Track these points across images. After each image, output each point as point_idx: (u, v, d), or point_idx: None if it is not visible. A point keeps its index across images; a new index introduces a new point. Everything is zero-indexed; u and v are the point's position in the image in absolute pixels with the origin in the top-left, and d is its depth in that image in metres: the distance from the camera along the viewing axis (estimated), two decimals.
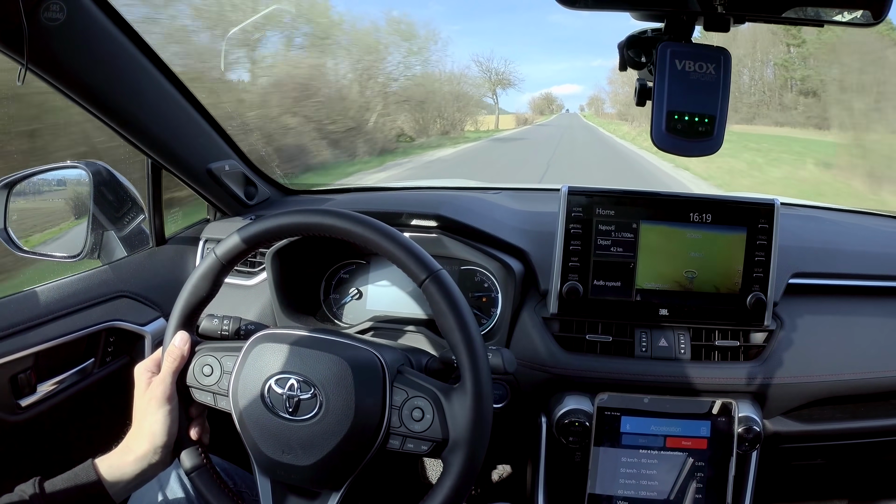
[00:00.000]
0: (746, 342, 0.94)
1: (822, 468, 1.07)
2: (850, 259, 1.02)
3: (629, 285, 0.93)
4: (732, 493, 0.90)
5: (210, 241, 1.16)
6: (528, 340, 0.95)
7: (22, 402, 0.86)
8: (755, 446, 0.89)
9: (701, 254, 0.92)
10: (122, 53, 0.87)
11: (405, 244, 0.64)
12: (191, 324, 0.70)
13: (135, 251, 1.11)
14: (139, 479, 0.65)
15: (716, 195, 0.94)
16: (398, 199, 1.26)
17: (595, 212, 0.92)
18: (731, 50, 0.59)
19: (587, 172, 11.38)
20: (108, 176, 1.08)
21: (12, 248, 1.04)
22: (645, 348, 0.94)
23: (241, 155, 1.19)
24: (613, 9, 0.61)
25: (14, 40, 0.72)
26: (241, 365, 0.66)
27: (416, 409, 0.63)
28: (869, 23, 0.57)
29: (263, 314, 1.05)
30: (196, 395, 0.68)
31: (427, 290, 0.63)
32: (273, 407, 0.64)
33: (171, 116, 0.99)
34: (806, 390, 0.94)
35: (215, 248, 0.69)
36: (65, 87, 0.83)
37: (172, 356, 0.67)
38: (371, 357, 0.65)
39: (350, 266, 1.09)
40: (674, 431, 0.90)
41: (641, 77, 0.65)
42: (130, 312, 1.03)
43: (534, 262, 0.98)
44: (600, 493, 0.91)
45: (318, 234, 0.67)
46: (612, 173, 11.10)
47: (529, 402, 0.96)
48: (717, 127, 0.58)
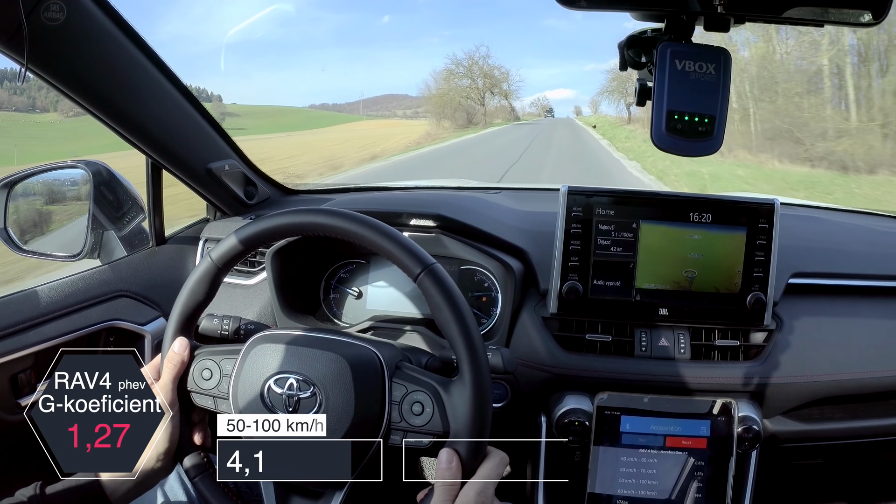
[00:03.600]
0: (746, 342, 0.94)
1: (822, 468, 1.07)
2: (849, 259, 1.02)
3: (629, 285, 0.93)
4: (732, 492, 0.90)
5: (210, 240, 1.16)
6: (528, 340, 0.95)
7: (22, 401, 0.86)
8: (755, 446, 0.89)
9: (701, 254, 0.92)
10: (121, 53, 0.87)
11: (398, 240, 0.64)
12: (189, 328, 0.70)
13: (135, 251, 1.11)
14: (140, 486, 0.65)
15: (716, 195, 0.94)
16: (398, 199, 1.26)
17: (595, 211, 0.92)
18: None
19: None
20: (107, 176, 1.08)
21: (12, 248, 1.04)
22: (645, 348, 0.94)
23: (240, 155, 1.19)
24: (614, 9, 0.61)
25: (14, 40, 0.72)
26: (239, 367, 0.66)
27: (415, 404, 0.63)
28: (869, 23, 0.58)
29: (263, 314, 1.05)
30: (196, 399, 0.68)
31: (422, 284, 0.63)
32: (273, 407, 0.64)
33: (170, 116, 0.99)
34: (805, 390, 0.94)
35: (211, 252, 0.69)
36: (64, 86, 0.83)
37: (172, 362, 0.67)
38: (369, 354, 0.65)
39: (350, 266, 1.09)
40: (673, 431, 0.90)
41: (641, 77, 0.65)
42: (130, 312, 1.03)
43: (533, 261, 0.98)
44: (600, 492, 0.91)
45: (314, 233, 0.67)
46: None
47: (529, 402, 0.96)
48: (717, 127, 0.59)
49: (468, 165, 13.46)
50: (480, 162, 14.36)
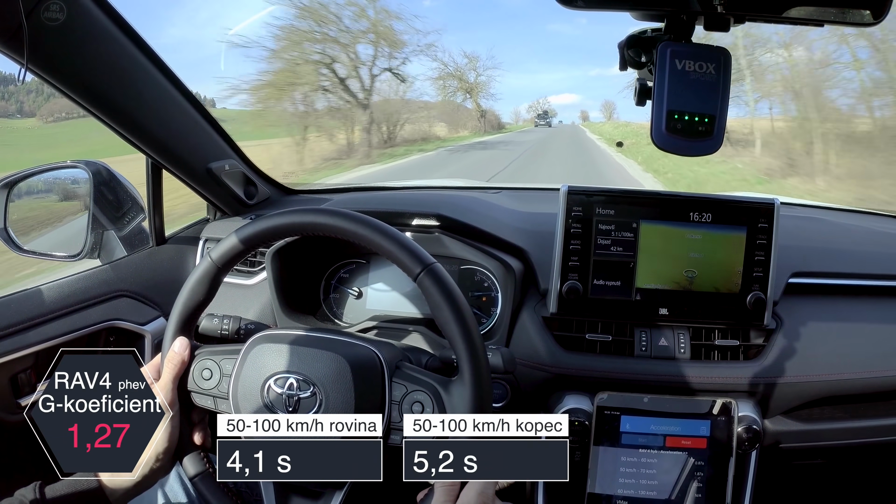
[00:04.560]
0: (746, 342, 0.94)
1: (822, 468, 1.07)
2: (849, 259, 1.02)
3: (629, 285, 0.93)
4: (732, 492, 0.90)
5: (210, 240, 1.16)
6: (528, 340, 0.95)
7: (22, 401, 0.86)
8: (755, 446, 0.89)
9: (701, 253, 0.92)
10: (121, 53, 0.87)
11: (399, 239, 0.64)
12: (189, 328, 0.70)
13: (135, 251, 1.11)
14: (140, 486, 0.65)
15: (716, 195, 0.94)
16: (398, 199, 1.26)
17: (595, 211, 0.92)
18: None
19: None
20: (107, 175, 1.08)
21: (12, 248, 1.04)
22: (645, 348, 0.94)
23: (240, 154, 1.19)
24: (614, 8, 0.61)
25: (14, 40, 0.72)
26: (239, 367, 0.66)
27: (415, 403, 0.63)
28: (869, 23, 0.58)
29: (263, 314, 1.05)
30: (197, 399, 0.68)
31: (422, 284, 0.63)
32: (273, 407, 0.64)
33: (170, 116, 0.99)
34: (805, 390, 0.94)
35: (211, 252, 0.69)
36: (64, 86, 0.83)
37: (173, 362, 0.67)
38: (369, 353, 0.65)
39: (350, 265, 1.09)
40: (673, 431, 0.90)
41: (641, 77, 0.65)
42: (130, 312, 1.03)
43: (534, 261, 0.98)
44: (600, 492, 0.91)
45: (314, 233, 0.67)
46: None
47: (529, 402, 0.96)
48: (717, 127, 0.59)
49: None
50: None
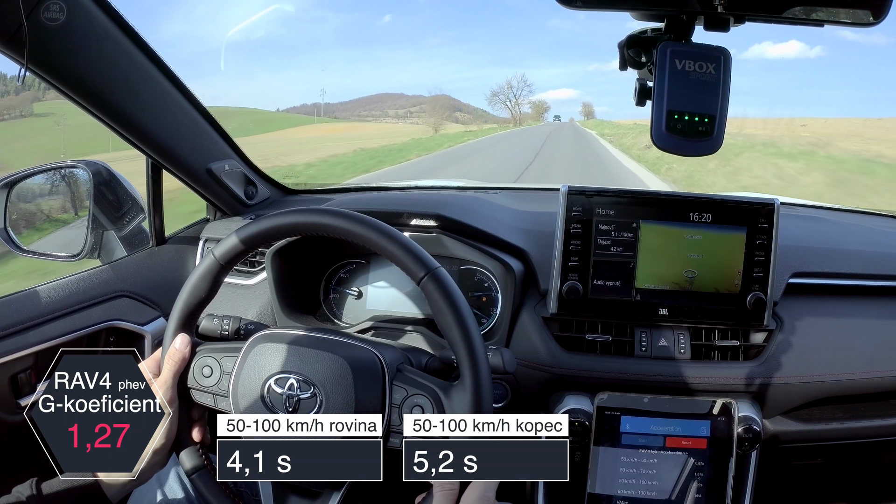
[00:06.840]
0: (746, 342, 0.94)
1: (822, 468, 1.07)
2: (849, 259, 1.02)
3: (629, 285, 0.93)
4: (732, 492, 0.90)
5: (210, 240, 1.16)
6: (528, 340, 0.95)
7: (22, 401, 0.86)
8: (755, 446, 0.89)
9: (701, 254, 0.92)
10: (121, 53, 0.87)
11: (403, 242, 0.64)
12: (190, 325, 0.70)
13: (135, 251, 1.11)
14: (136, 480, 0.65)
15: (716, 195, 0.94)
16: (398, 199, 1.26)
17: (595, 211, 0.92)
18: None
19: None
20: (107, 175, 1.08)
21: (12, 248, 1.04)
22: (645, 348, 0.94)
23: (240, 155, 1.19)
24: (614, 8, 0.61)
25: (14, 40, 0.72)
26: (240, 365, 0.66)
27: (415, 407, 0.63)
28: (869, 23, 0.58)
29: (263, 314, 1.05)
30: (196, 396, 0.68)
31: (425, 288, 0.63)
32: (273, 407, 0.64)
33: (170, 116, 0.99)
34: (805, 390, 0.94)
35: (213, 249, 0.69)
36: (65, 86, 0.83)
37: (173, 359, 0.67)
38: (370, 356, 0.65)
39: (350, 266, 1.09)
40: (673, 431, 0.90)
41: (641, 77, 0.65)
42: (130, 312, 1.03)
43: (534, 261, 0.98)
44: (600, 492, 0.91)
45: (317, 233, 0.67)
46: None
47: (529, 402, 0.96)
48: (717, 127, 0.58)
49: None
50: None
